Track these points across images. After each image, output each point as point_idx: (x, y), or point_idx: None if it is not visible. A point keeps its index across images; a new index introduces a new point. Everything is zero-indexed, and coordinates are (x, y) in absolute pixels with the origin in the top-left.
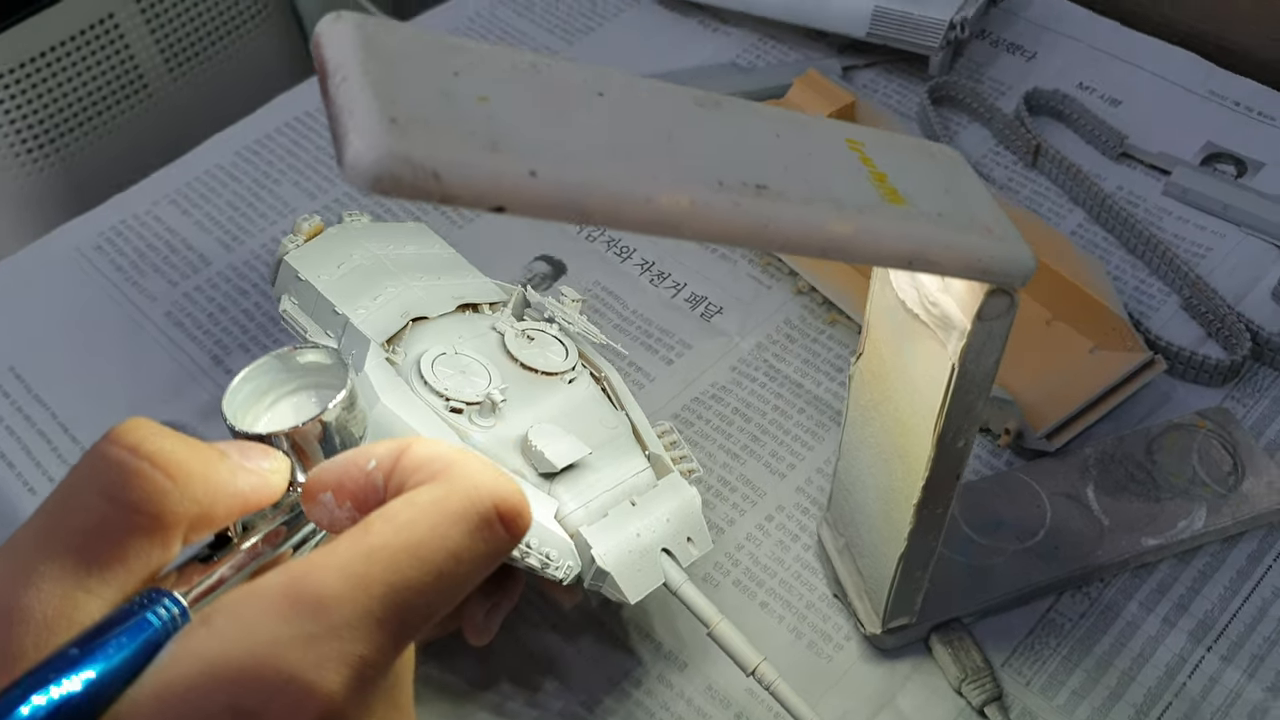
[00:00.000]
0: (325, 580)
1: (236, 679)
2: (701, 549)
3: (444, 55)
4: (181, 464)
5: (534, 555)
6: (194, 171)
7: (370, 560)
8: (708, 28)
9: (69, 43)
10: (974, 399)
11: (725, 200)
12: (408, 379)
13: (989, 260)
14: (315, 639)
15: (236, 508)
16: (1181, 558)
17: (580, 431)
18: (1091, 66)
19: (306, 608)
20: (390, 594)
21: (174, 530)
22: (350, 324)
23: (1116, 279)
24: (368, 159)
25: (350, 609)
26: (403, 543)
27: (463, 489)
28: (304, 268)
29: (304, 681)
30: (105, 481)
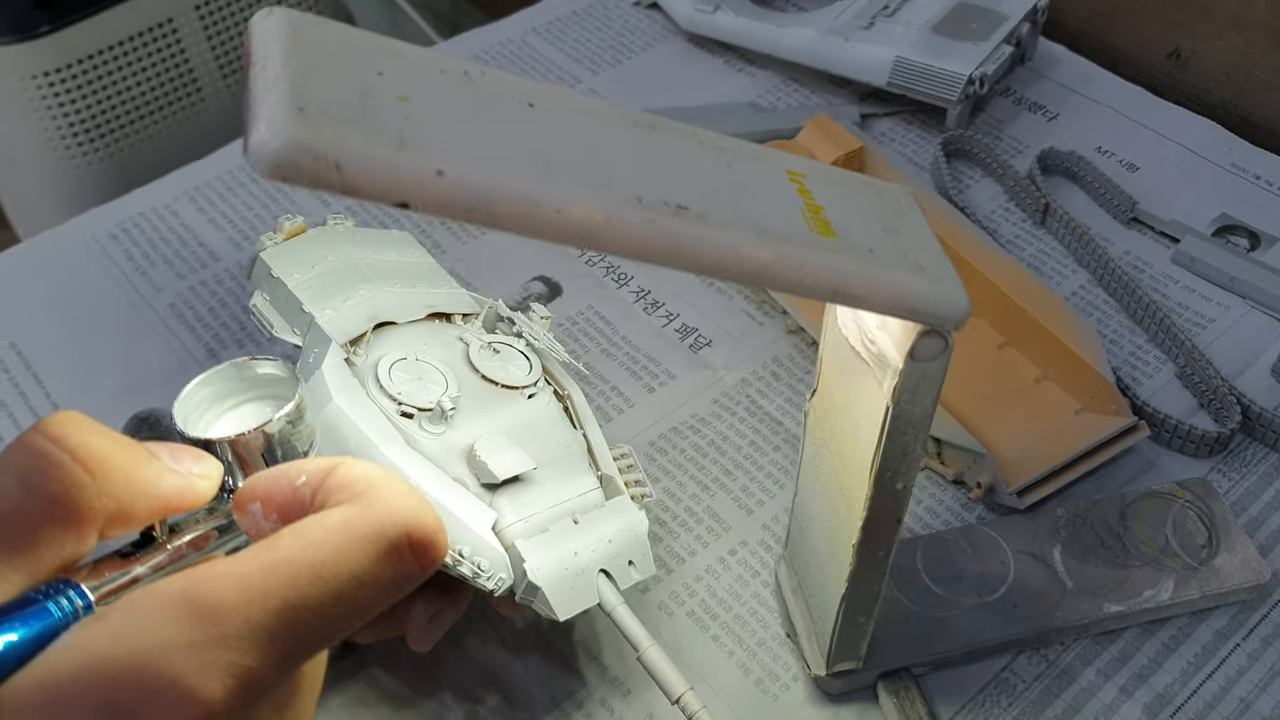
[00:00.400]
0: (221, 588)
1: (118, 676)
2: (643, 573)
3: (373, 55)
4: (103, 460)
5: (466, 564)
6: (216, 171)
7: (270, 574)
8: (733, 67)
9: (127, 43)
10: (910, 440)
11: (640, 217)
12: (364, 381)
13: (916, 299)
14: (202, 645)
15: (157, 508)
16: (1147, 628)
17: (532, 447)
18: (1113, 131)
19: (199, 613)
20: (286, 610)
21: (89, 524)
22: (315, 323)
23: (1113, 343)
24: (270, 145)
25: (242, 620)
26: (306, 560)
27: (375, 512)
28: (277, 265)
29: (184, 686)
30: (25, 470)
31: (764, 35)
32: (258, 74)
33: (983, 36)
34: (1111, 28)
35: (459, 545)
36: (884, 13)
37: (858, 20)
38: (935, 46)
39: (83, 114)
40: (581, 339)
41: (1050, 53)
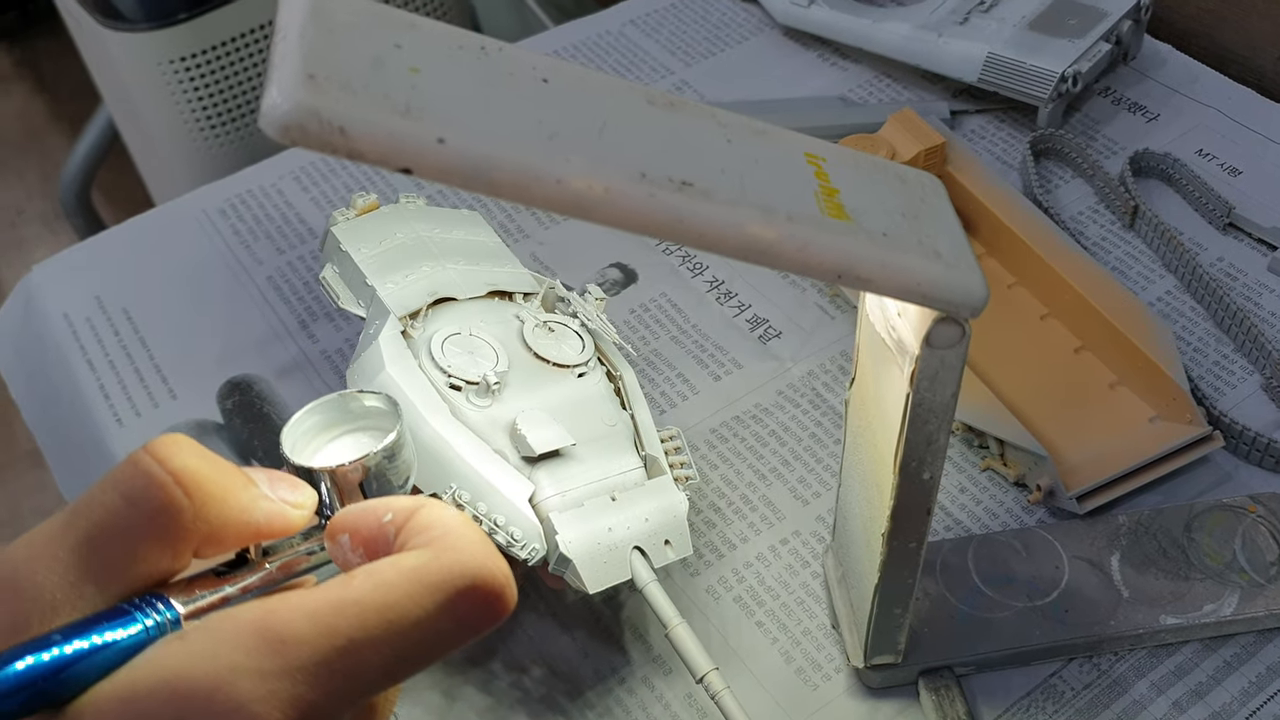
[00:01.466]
0: (293, 621)
1: (190, 695)
2: (679, 553)
3: (391, 29)
4: (201, 484)
5: (501, 533)
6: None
7: (339, 611)
8: (826, 61)
9: (258, 30)
10: (934, 429)
11: (641, 191)
12: (417, 353)
13: (929, 285)
14: (269, 675)
15: (248, 534)
16: (1208, 644)
17: (577, 424)
18: (1216, 133)
19: (270, 643)
20: (350, 648)
21: (184, 544)
22: (377, 296)
23: (1198, 351)
24: (280, 109)
25: (309, 653)
26: (375, 602)
27: (447, 562)
28: (347, 239)
29: (249, 712)
30: (130, 487)
31: (858, 29)
32: (278, 42)
33: (1080, 34)
34: (1221, 26)
35: (496, 515)
36: (980, 8)
37: (953, 15)
38: (1030, 43)
39: (214, 97)
40: (652, 325)
41: (1155, 52)
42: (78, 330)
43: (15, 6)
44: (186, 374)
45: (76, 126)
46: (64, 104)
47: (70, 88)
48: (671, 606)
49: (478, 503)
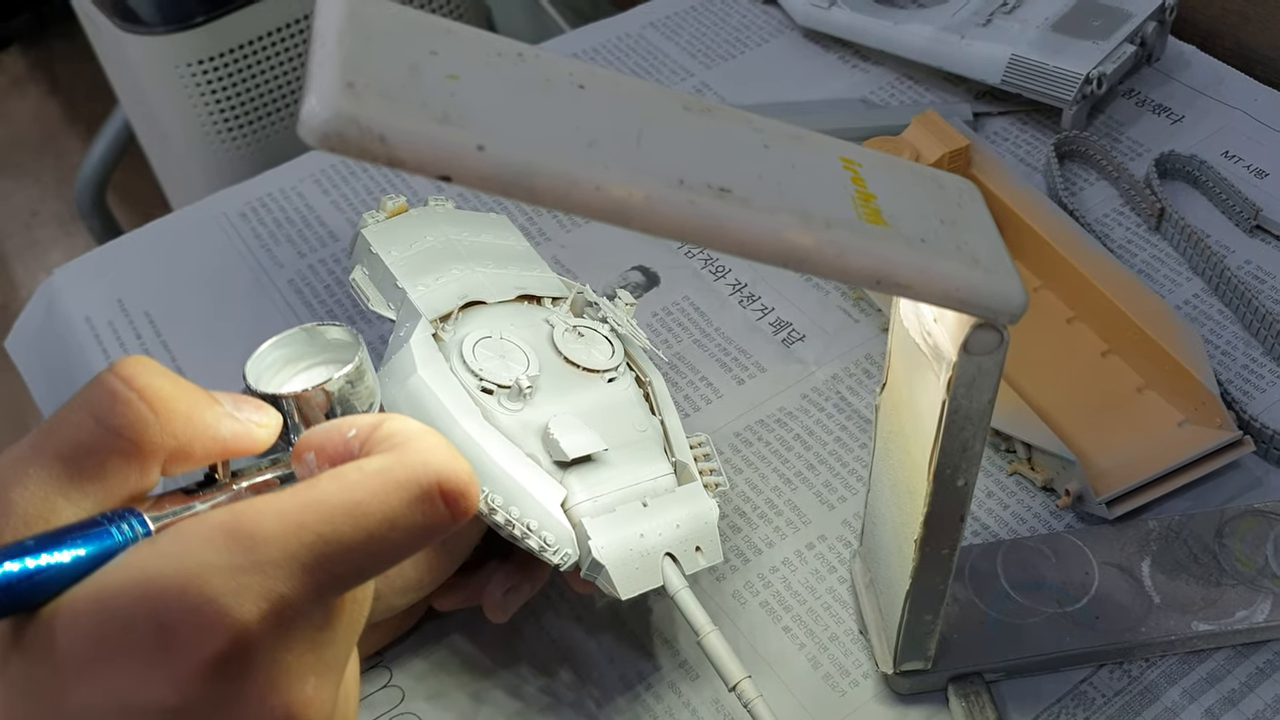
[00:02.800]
0: (261, 520)
1: (163, 593)
2: (710, 560)
3: (428, 35)
4: (166, 400)
5: (534, 538)
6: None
7: (307, 509)
8: (847, 63)
9: (275, 33)
10: (970, 436)
11: (681, 198)
12: (448, 356)
13: (968, 291)
14: (240, 570)
15: (215, 449)
16: (1240, 651)
17: (607, 429)
18: (1242, 135)
19: (239, 541)
20: (319, 543)
21: (151, 458)
22: (408, 298)
23: (1226, 354)
24: (320, 117)
25: (278, 549)
26: (342, 500)
27: (410, 461)
28: (377, 242)
29: (220, 605)
30: (97, 405)
31: (879, 31)
32: (316, 50)
33: (1104, 35)
34: (1246, 27)
35: (528, 519)
36: (1003, 9)
37: (975, 17)
38: (1053, 45)
39: (232, 101)
40: (675, 329)
41: (1180, 53)
42: (100, 333)
43: (30, 9)
44: (209, 377)
45: (92, 128)
46: (79, 106)
47: (85, 90)
48: (703, 613)
49: (510, 507)
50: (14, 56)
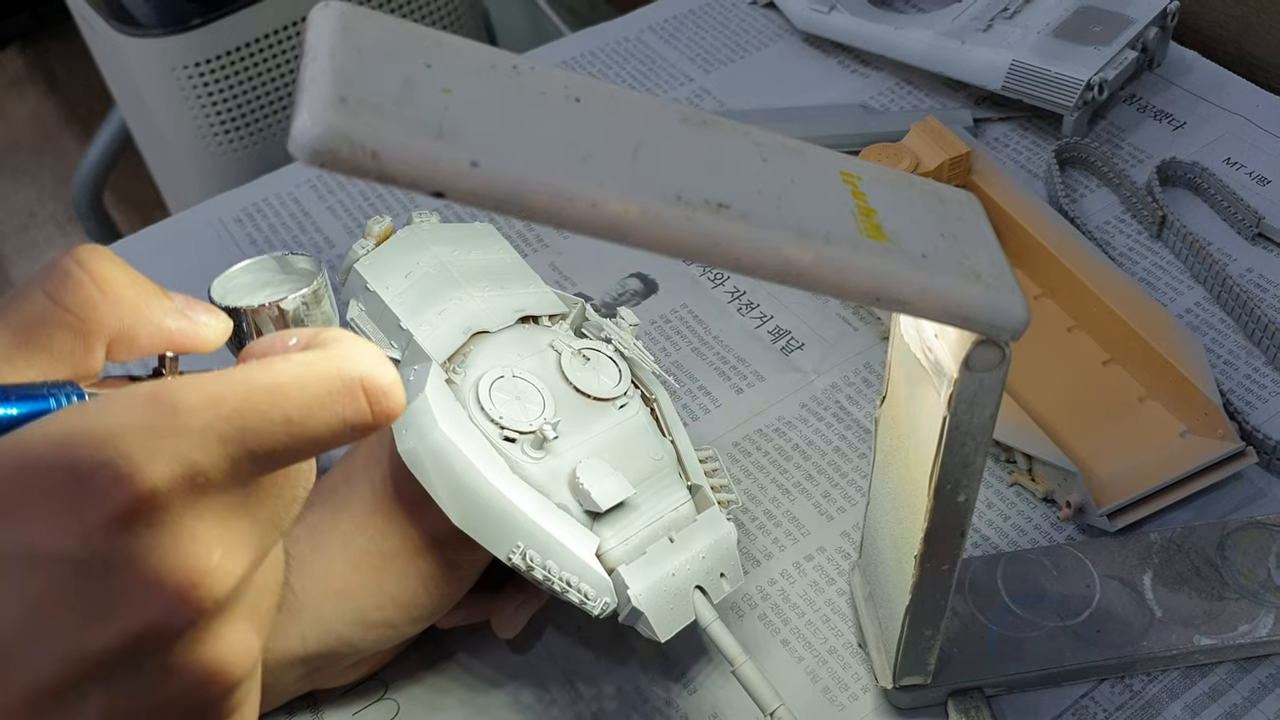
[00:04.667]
0: (183, 392)
1: (79, 446)
2: (733, 584)
3: (421, 48)
4: (114, 285)
5: (574, 592)
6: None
7: (229, 386)
8: (847, 68)
9: (271, 36)
10: (970, 452)
11: (677, 214)
12: (466, 403)
13: (969, 308)
14: (155, 431)
15: (160, 339)
16: (1242, 665)
17: (626, 463)
18: (1244, 142)
19: (159, 408)
20: (236, 417)
21: (96, 337)
22: (414, 340)
23: (1228, 364)
24: (311, 133)
25: (196, 418)
26: (264, 382)
27: (336, 355)
28: (373, 277)
29: (133, 461)
30: (50, 282)
31: (879, 36)
32: (308, 64)
33: (1105, 41)
34: (1248, 33)
35: (566, 574)
36: (1003, 15)
37: (975, 23)
38: (1054, 50)
39: (229, 103)
40: (673, 337)
41: (1181, 59)
42: None
43: (27, 9)
44: None
45: (89, 129)
46: (76, 107)
47: (82, 90)
48: (736, 644)
49: (548, 562)
50: (11, 57)
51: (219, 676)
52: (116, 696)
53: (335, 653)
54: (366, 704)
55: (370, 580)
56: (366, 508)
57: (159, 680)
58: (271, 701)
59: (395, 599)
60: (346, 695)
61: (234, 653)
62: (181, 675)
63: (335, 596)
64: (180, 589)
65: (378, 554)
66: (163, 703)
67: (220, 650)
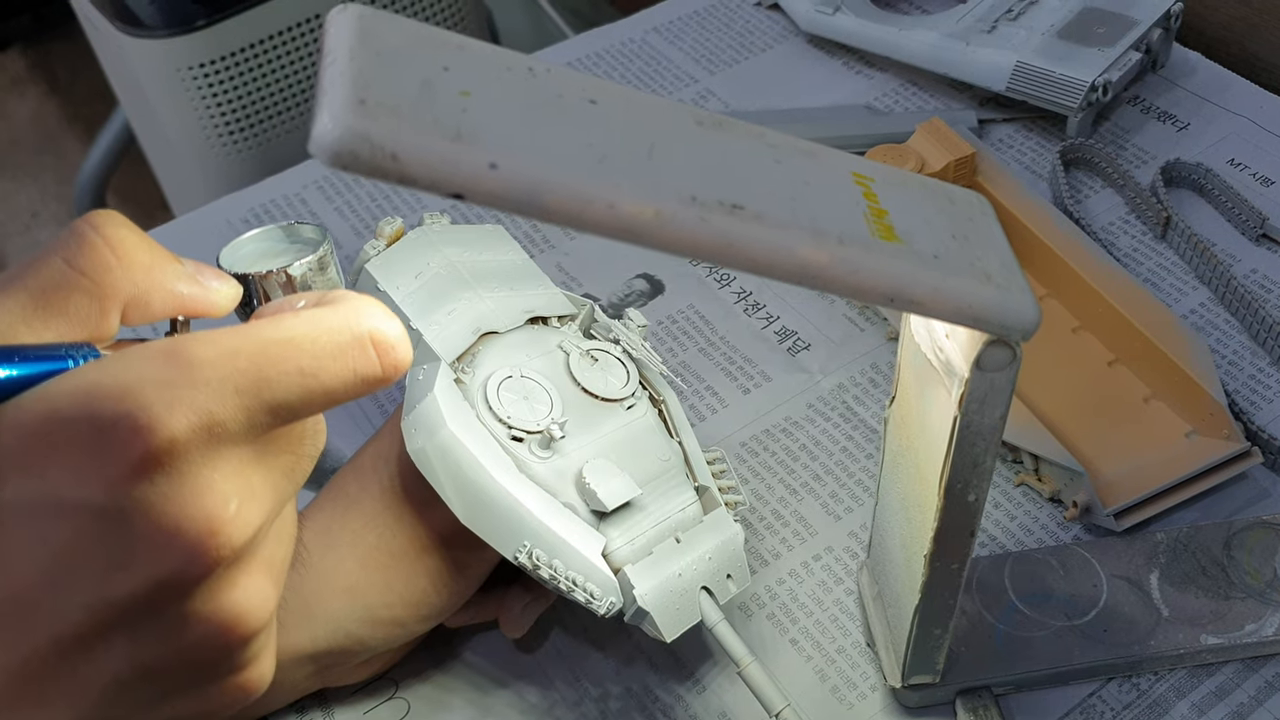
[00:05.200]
0: (200, 346)
1: (100, 398)
2: (740, 586)
3: (440, 51)
4: (129, 250)
5: (579, 591)
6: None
7: (243, 340)
8: (851, 69)
9: (276, 37)
10: (981, 452)
11: (693, 215)
12: (474, 402)
13: (980, 308)
14: (173, 384)
15: (172, 303)
16: (1249, 664)
17: (633, 463)
18: (1248, 143)
19: (176, 362)
20: (252, 370)
21: (111, 300)
22: (423, 340)
23: (1233, 364)
24: (331, 135)
25: (212, 371)
26: (276, 336)
27: (345, 310)
28: (383, 277)
29: (152, 412)
30: (67, 248)
31: (884, 38)
32: (327, 67)
33: (1109, 42)
34: (1252, 34)
35: (572, 573)
36: (1007, 16)
37: (980, 24)
38: (1058, 52)
39: (233, 104)
40: (680, 338)
41: (1185, 60)
42: None
43: (29, 10)
44: None
45: (91, 129)
46: (78, 107)
47: (84, 91)
48: (742, 645)
49: (554, 561)
50: (13, 57)
51: (237, 625)
52: (139, 645)
53: (345, 650)
54: (377, 703)
55: (379, 579)
56: (376, 507)
57: (179, 628)
58: (282, 699)
59: (404, 597)
60: (357, 694)
61: (251, 602)
62: (201, 624)
63: (345, 594)
64: (199, 537)
65: (387, 552)
66: (183, 651)
67: (237, 599)
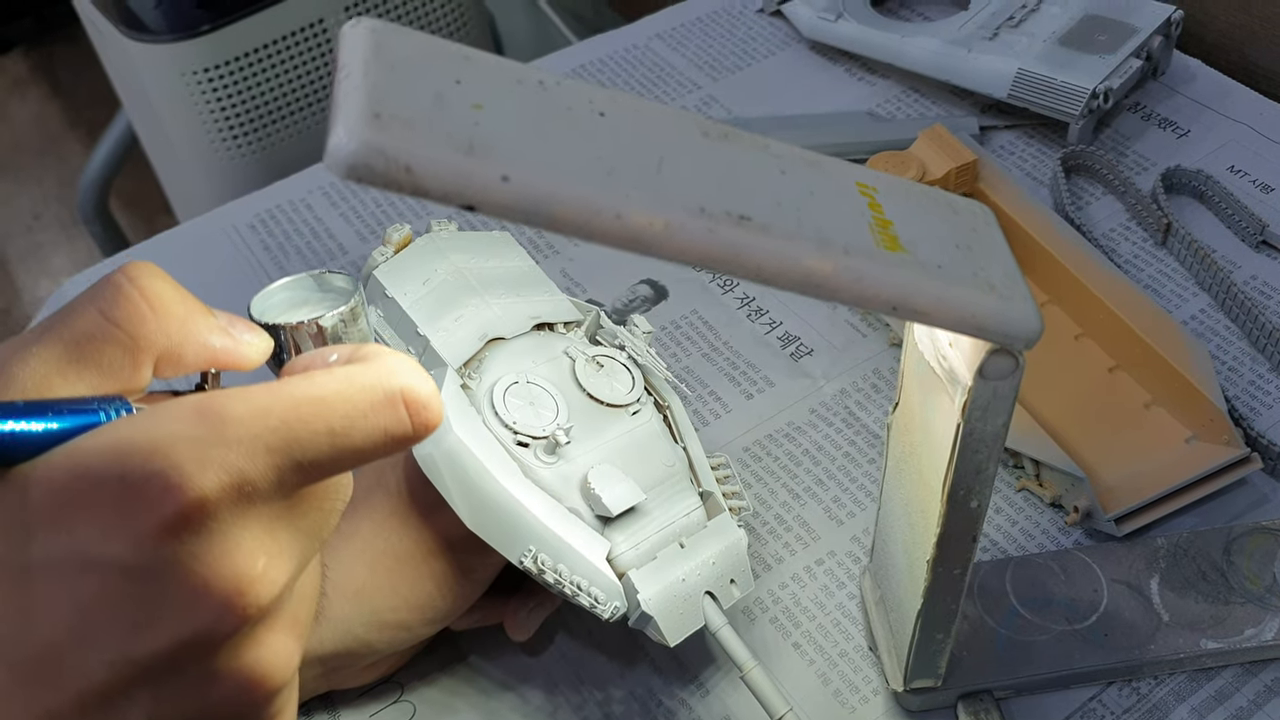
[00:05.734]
0: (231, 403)
1: (130, 455)
2: (743, 590)
3: (451, 64)
4: (164, 302)
5: (583, 596)
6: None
7: (274, 398)
8: (854, 76)
9: (280, 41)
10: (984, 459)
11: (701, 226)
12: (480, 408)
13: (984, 317)
14: (204, 442)
15: (205, 356)
16: (1248, 669)
17: (639, 469)
18: (1248, 150)
19: (208, 419)
20: (284, 429)
21: (145, 353)
22: (430, 346)
23: (1233, 370)
24: (346, 149)
25: (244, 430)
26: (308, 394)
27: (377, 368)
28: (391, 283)
29: (184, 471)
30: (102, 299)
31: (886, 44)
32: (341, 81)
33: (1110, 49)
34: (1251, 41)
35: (577, 577)
36: (1009, 24)
37: (982, 31)
38: (1060, 59)
39: (237, 109)
40: (684, 343)
41: (1185, 67)
42: None
43: (31, 12)
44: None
45: (93, 133)
46: (80, 110)
47: (86, 94)
48: (745, 649)
49: (559, 566)
50: (15, 60)
51: (261, 683)
52: (162, 701)
53: (351, 653)
54: (383, 706)
55: (386, 582)
56: (383, 511)
57: (203, 686)
58: None
59: (410, 601)
60: (363, 697)
61: (276, 660)
62: (225, 682)
63: (352, 598)
64: (227, 596)
65: (393, 556)
66: (206, 708)
67: (262, 657)
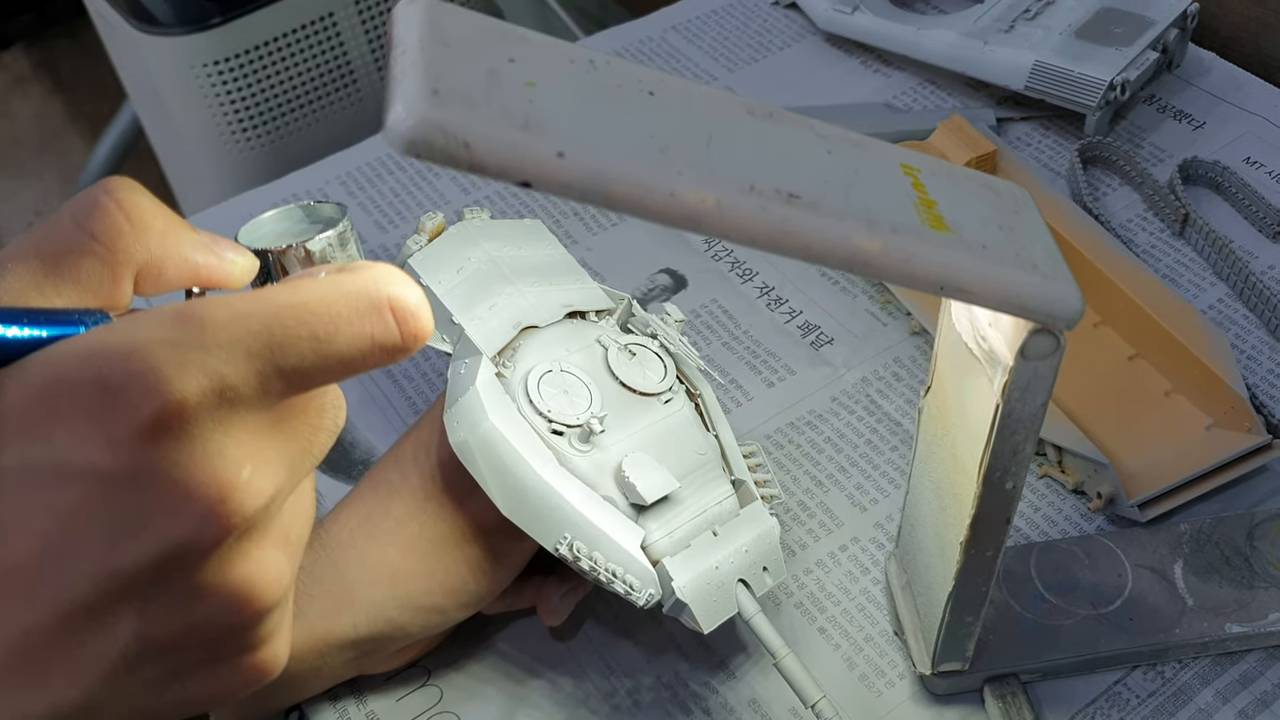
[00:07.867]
0: (211, 308)
1: (107, 357)
2: (776, 578)
3: (504, 43)
4: (143, 215)
5: (619, 583)
6: (366, 157)
7: (256, 303)
8: (869, 68)
9: (291, 34)
10: (1021, 440)
11: (752, 204)
12: (515, 396)
13: (1028, 297)
14: (185, 345)
15: (186, 272)
16: (1273, 653)
17: (671, 457)
18: (1263, 141)
19: (187, 323)
20: (265, 333)
21: (124, 266)
22: (465, 334)
23: (1252, 359)
24: (406, 124)
25: (225, 334)
26: (291, 300)
27: (364, 275)
28: (425, 272)
29: (163, 373)
30: (80, 213)
31: (902, 37)
32: (398, 58)
33: (1126, 42)
34: (1266, 34)
35: (612, 565)
36: (1025, 16)
37: (998, 23)
38: (1076, 51)
39: (247, 102)
40: (704, 332)
41: (1200, 59)
42: None
43: (33, 8)
44: None
45: (94, 128)
46: (82, 105)
47: (88, 89)
48: (778, 637)
49: (594, 553)
50: (16, 55)
51: (250, 599)
52: (148, 617)
53: (385, 636)
54: (410, 690)
55: (420, 567)
56: (417, 496)
57: (190, 601)
58: (319, 685)
59: (444, 585)
60: (390, 681)
61: (265, 575)
62: (212, 596)
63: (386, 582)
64: (209, 503)
65: (428, 541)
66: (194, 625)
67: (250, 571)
